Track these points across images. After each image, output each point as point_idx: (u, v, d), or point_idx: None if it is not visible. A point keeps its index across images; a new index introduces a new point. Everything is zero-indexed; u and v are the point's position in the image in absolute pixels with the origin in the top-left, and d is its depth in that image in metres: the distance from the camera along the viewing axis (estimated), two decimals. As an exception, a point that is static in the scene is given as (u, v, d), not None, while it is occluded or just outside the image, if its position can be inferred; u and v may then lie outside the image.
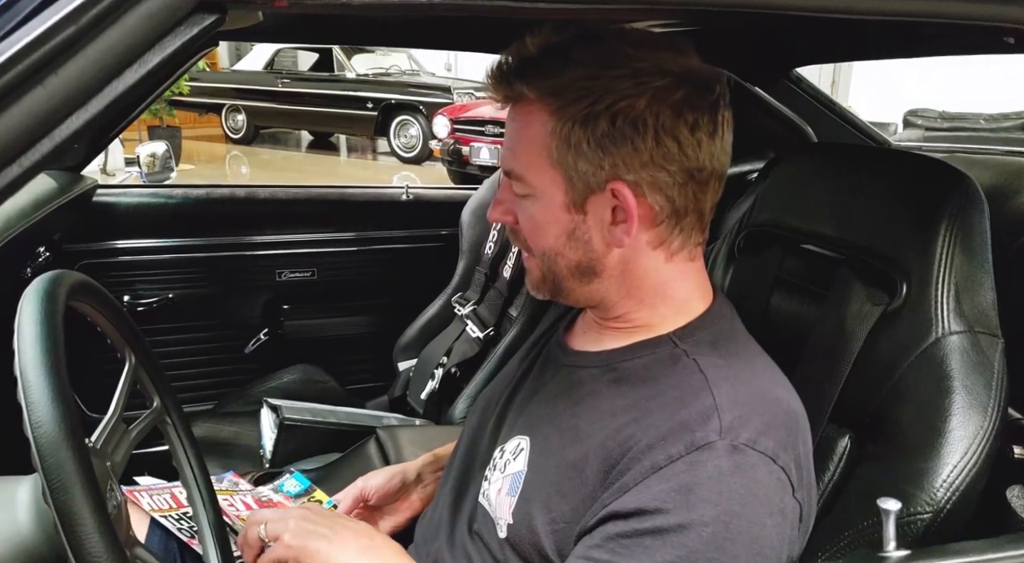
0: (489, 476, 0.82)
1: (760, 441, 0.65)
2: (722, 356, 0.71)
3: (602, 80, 0.67)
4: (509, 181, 0.76)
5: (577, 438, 0.72)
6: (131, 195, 1.94)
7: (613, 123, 0.68)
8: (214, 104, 10.58)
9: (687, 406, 0.67)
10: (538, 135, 0.71)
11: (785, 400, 0.70)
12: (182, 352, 2.01)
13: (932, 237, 0.82)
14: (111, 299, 0.86)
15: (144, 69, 0.46)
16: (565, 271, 0.75)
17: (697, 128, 0.69)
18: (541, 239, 0.75)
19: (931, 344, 0.79)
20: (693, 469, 0.64)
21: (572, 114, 0.69)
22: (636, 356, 0.74)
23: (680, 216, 0.72)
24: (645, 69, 0.68)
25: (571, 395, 0.77)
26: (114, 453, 0.81)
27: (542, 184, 0.72)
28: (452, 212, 2.09)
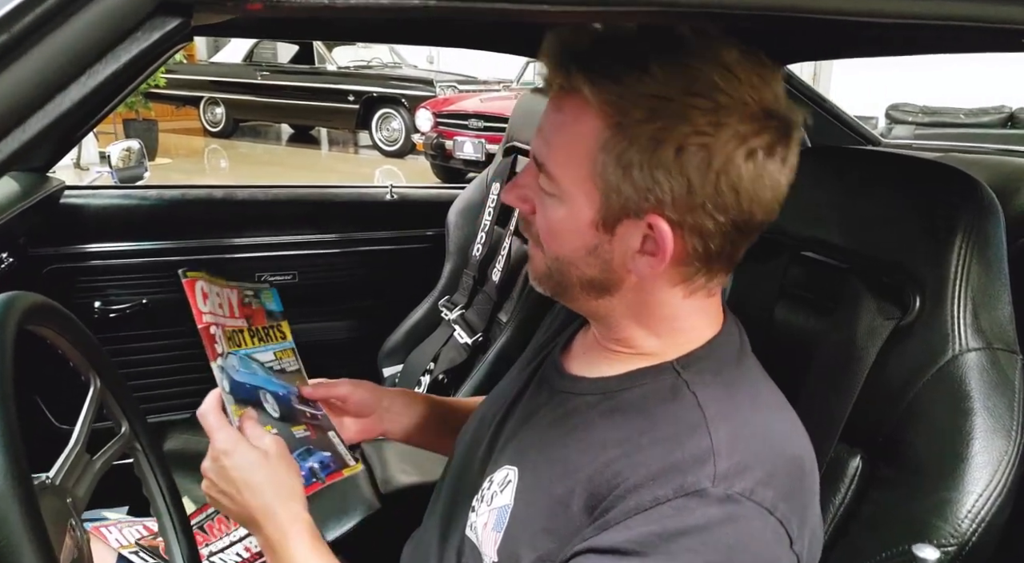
0: (476, 507, 0.77)
1: (758, 491, 0.60)
2: (725, 387, 0.66)
3: (679, 105, 0.59)
4: (536, 169, 0.68)
5: (565, 471, 0.68)
6: (101, 196, 1.86)
7: (677, 156, 0.60)
8: (192, 97, 10.43)
9: (681, 446, 0.62)
10: (585, 142, 0.63)
11: (790, 442, 0.65)
12: (156, 360, 1.93)
13: (947, 248, 0.78)
14: (72, 320, 0.80)
15: (95, 80, 0.40)
16: (575, 281, 0.69)
17: (760, 179, 0.62)
18: (556, 244, 0.68)
19: (948, 362, 0.75)
20: (679, 515, 0.59)
21: (633, 133, 0.61)
22: (635, 385, 0.69)
23: (712, 261, 0.66)
24: (728, 106, 0.60)
25: (564, 424, 0.72)
26: (76, 487, 0.75)
27: (574, 192, 0.65)
28: (438, 212, 2.04)
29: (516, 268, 1.73)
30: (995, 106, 5.79)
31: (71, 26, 0.38)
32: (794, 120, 0.63)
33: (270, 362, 0.88)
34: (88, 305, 1.84)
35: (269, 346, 0.89)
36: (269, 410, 0.84)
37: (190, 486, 1.53)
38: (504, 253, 1.74)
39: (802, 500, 0.62)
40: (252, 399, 0.83)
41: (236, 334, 0.85)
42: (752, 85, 0.61)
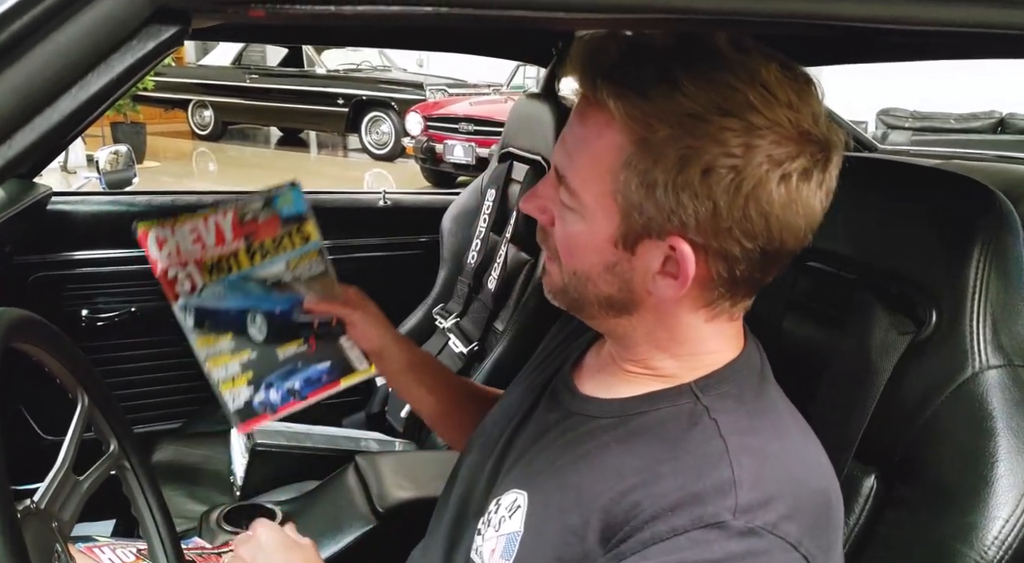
0: (483, 531, 0.74)
1: (782, 525, 0.57)
2: (748, 416, 0.63)
3: (710, 126, 0.56)
4: (556, 180, 0.66)
5: (579, 499, 0.65)
6: (89, 203, 1.83)
7: (704, 178, 0.57)
8: (180, 99, 10.34)
9: (702, 477, 0.59)
10: (608, 157, 0.60)
11: (816, 474, 0.62)
12: (146, 369, 1.90)
13: (964, 262, 0.76)
14: (59, 336, 0.77)
15: (86, 93, 0.37)
16: (593, 298, 0.66)
17: (793, 205, 0.58)
18: (574, 259, 0.66)
19: (967, 379, 0.73)
20: (697, 547, 0.56)
21: (659, 152, 0.57)
22: (652, 408, 0.67)
23: (736, 286, 0.63)
24: (763, 127, 0.56)
25: (577, 448, 0.69)
26: (62, 511, 0.72)
27: (594, 208, 0.62)
28: (432, 218, 2.01)
29: (512, 276, 1.71)
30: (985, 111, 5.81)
31: (61, 35, 0.35)
32: (834, 142, 0.60)
33: (279, 274, 0.86)
34: (75, 314, 1.80)
35: (279, 257, 0.86)
36: (254, 333, 0.83)
37: (180, 500, 1.50)
38: (500, 260, 1.72)
39: (828, 536, 0.60)
40: (233, 326, 0.83)
41: (224, 261, 0.83)
42: (790, 105, 0.57)
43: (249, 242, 0.84)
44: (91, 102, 0.37)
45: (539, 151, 1.69)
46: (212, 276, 0.82)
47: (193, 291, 0.81)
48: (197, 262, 0.81)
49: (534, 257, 1.67)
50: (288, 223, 0.86)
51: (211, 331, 0.81)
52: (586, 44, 0.62)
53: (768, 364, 0.71)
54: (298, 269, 0.87)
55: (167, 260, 0.80)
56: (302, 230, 0.86)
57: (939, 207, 0.81)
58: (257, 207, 0.84)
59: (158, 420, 1.87)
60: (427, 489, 1.22)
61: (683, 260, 0.60)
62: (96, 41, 0.37)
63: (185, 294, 0.81)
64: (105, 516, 1.55)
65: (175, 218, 0.80)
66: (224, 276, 0.83)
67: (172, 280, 0.80)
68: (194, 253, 0.81)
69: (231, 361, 0.84)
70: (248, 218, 0.83)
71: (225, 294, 0.82)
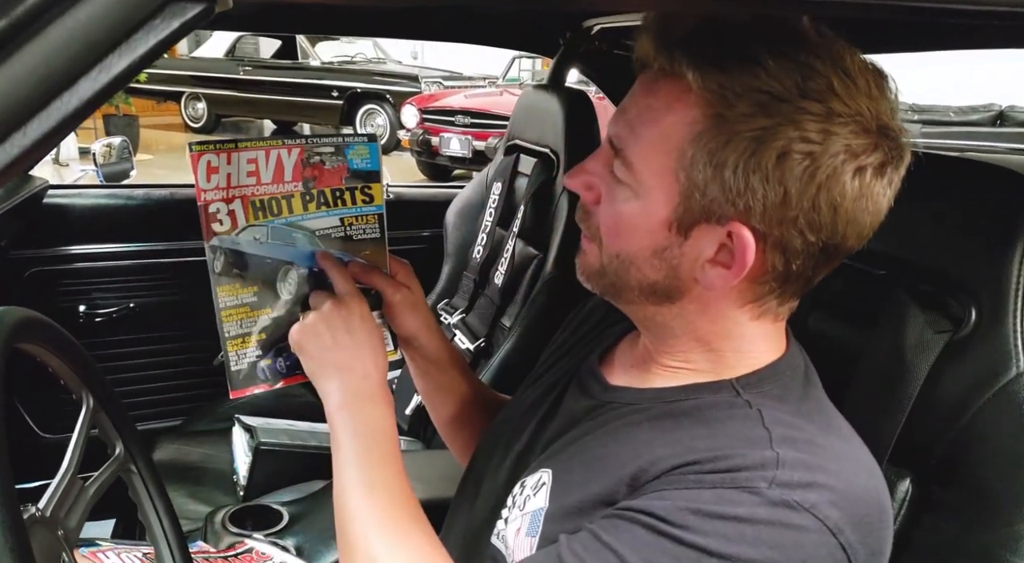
0: (506, 514, 0.71)
1: (823, 507, 0.53)
2: (792, 415, 0.60)
3: (790, 106, 0.53)
4: (611, 153, 0.62)
5: (605, 469, 0.62)
6: (87, 196, 1.79)
7: (779, 162, 0.54)
8: (173, 92, 10.25)
9: (743, 455, 0.56)
10: (677, 130, 0.57)
11: (867, 476, 0.59)
12: (145, 365, 1.86)
13: (1006, 257, 0.73)
14: (63, 335, 0.73)
15: (107, 75, 0.34)
16: (634, 283, 0.63)
17: (863, 200, 0.56)
18: (620, 240, 0.62)
19: (1011, 380, 0.70)
20: (721, 502, 0.53)
21: (734, 130, 0.54)
22: (690, 398, 0.64)
23: (788, 282, 0.60)
24: (844, 114, 0.53)
25: (604, 428, 0.66)
26: (68, 518, 0.69)
27: (652, 185, 0.59)
28: (435, 212, 1.98)
29: (519, 271, 1.68)
30: (984, 104, 5.80)
31: (81, 11, 0.32)
32: (905, 143, 0.58)
33: (329, 229, 0.79)
34: (72, 309, 1.76)
35: (336, 211, 0.79)
36: (282, 290, 0.78)
37: (182, 500, 1.47)
38: (507, 255, 1.68)
39: (875, 536, 0.56)
40: (263, 278, 0.77)
41: (276, 202, 0.76)
42: (870, 96, 0.55)
43: (308, 187, 0.77)
44: (112, 85, 0.34)
45: (547, 143, 1.66)
46: (258, 216, 0.75)
47: (232, 230, 0.74)
48: (245, 199, 0.74)
49: (542, 252, 1.64)
50: (355, 177, 0.79)
51: (238, 279, 0.75)
52: (660, 15, 0.59)
53: (812, 368, 0.68)
54: (352, 229, 0.80)
55: (213, 191, 0.73)
56: (368, 189, 0.80)
57: (976, 200, 0.79)
58: (327, 152, 0.77)
59: (158, 417, 1.84)
60: (436, 490, 1.19)
61: (742, 247, 0.57)
62: (118, 19, 0.33)
63: (222, 232, 0.74)
64: (104, 516, 1.52)
65: (235, 144, 0.74)
66: (271, 219, 0.76)
67: (212, 215, 0.73)
68: (246, 187, 0.74)
69: (249, 317, 0.78)
70: (314, 160, 0.77)
71: (266, 239, 0.76)
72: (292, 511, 1.25)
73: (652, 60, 0.59)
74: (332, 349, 0.71)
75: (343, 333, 0.72)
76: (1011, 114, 5.71)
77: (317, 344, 0.72)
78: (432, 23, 1.47)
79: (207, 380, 1.92)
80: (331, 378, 0.71)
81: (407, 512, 0.67)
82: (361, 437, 0.69)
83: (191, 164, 0.72)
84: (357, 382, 0.71)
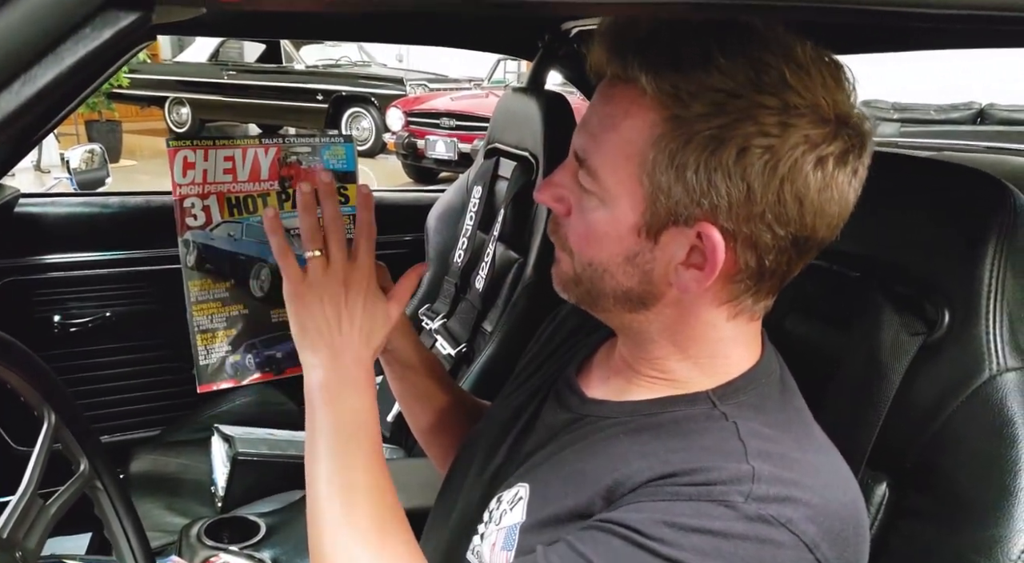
0: (482, 530, 0.70)
1: (799, 523, 0.53)
2: (769, 426, 0.60)
3: (745, 102, 0.53)
4: (576, 165, 0.62)
5: (582, 484, 0.61)
6: (60, 204, 1.76)
7: (739, 158, 0.54)
8: (156, 97, 10.18)
9: (718, 468, 0.55)
10: (637, 136, 0.57)
11: (843, 488, 0.58)
12: (122, 375, 1.84)
13: (978, 259, 0.72)
14: (21, 350, 0.72)
15: (31, 88, 0.33)
16: (609, 291, 0.63)
17: (828, 190, 0.56)
18: (591, 249, 0.62)
19: (984, 382, 0.70)
20: (697, 516, 0.53)
21: (692, 130, 0.54)
22: (667, 410, 0.63)
23: (762, 279, 0.60)
24: (800, 106, 0.53)
25: (583, 440, 0.66)
26: (27, 538, 0.67)
27: (617, 192, 0.59)
28: (416, 216, 1.96)
29: (500, 275, 1.67)
30: (964, 102, 5.84)
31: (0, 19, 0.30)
32: (867, 129, 0.57)
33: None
34: (47, 319, 1.74)
35: None
36: (254, 287, 0.77)
37: (158, 513, 1.45)
38: (488, 259, 1.67)
39: (852, 551, 0.56)
40: (235, 274, 0.76)
41: (251, 199, 0.77)
42: (826, 86, 0.55)
43: (284, 186, 0.78)
44: (38, 98, 0.33)
45: (526, 147, 1.65)
46: (233, 213, 0.76)
47: (207, 226, 0.75)
48: (221, 195, 0.75)
49: (522, 256, 1.63)
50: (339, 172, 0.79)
51: (210, 275, 0.75)
52: (613, 21, 0.58)
53: (788, 372, 0.67)
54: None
55: (189, 186, 0.74)
56: (344, 190, 0.80)
57: (948, 201, 0.78)
58: (303, 151, 0.78)
59: (135, 428, 1.82)
60: (416, 499, 1.17)
61: (712, 248, 0.56)
62: (43, 28, 0.32)
63: (196, 227, 0.74)
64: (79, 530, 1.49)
65: (213, 142, 0.74)
66: (246, 216, 0.77)
67: (186, 210, 0.74)
68: (222, 183, 0.75)
69: (220, 313, 0.78)
70: (291, 160, 0.77)
71: (240, 236, 0.76)
72: (270, 522, 1.24)
73: (605, 67, 0.59)
74: (327, 323, 0.67)
75: (343, 310, 0.67)
76: (991, 112, 5.76)
77: (313, 312, 0.67)
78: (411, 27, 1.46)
79: (185, 389, 1.88)
80: (318, 352, 0.67)
81: (388, 515, 0.64)
82: (341, 426, 0.65)
83: (168, 158, 0.73)
84: (349, 365, 0.67)
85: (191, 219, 0.74)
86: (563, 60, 1.67)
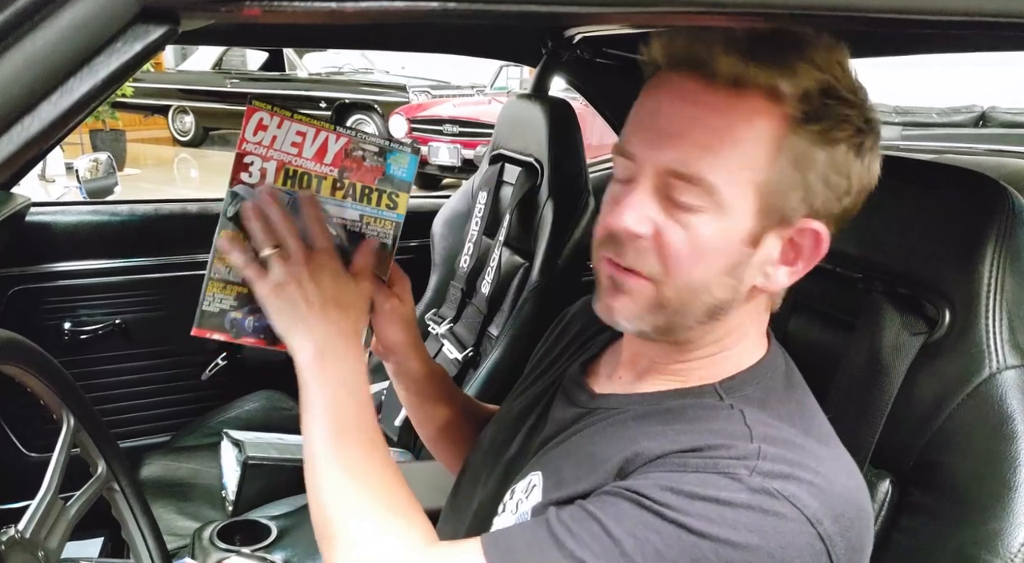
0: (496, 522, 0.71)
1: (802, 497, 0.54)
2: (773, 418, 0.61)
3: (840, 102, 0.57)
4: (664, 183, 0.59)
5: (592, 467, 0.63)
6: (70, 213, 1.78)
7: (846, 154, 0.59)
8: (160, 105, 10.22)
9: (725, 448, 0.57)
10: (761, 142, 0.57)
11: (846, 476, 0.59)
12: (132, 382, 1.85)
13: (977, 259, 0.74)
14: (41, 355, 0.73)
15: (69, 99, 0.35)
16: (700, 308, 0.61)
17: (868, 174, 0.62)
18: (694, 267, 0.59)
19: (984, 381, 0.71)
20: (703, 485, 0.54)
21: (814, 130, 0.57)
22: (674, 399, 0.65)
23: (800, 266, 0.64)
24: (862, 100, 0.59)
25: (592, 428, 0.67)
26: (48, 539, 0.68)
27: (734, 203, 0.58)
28: (421, 222, 1.98)
29: (506, 280, 1.68)
30: (966, 105, 5.84)
31: (40, 36, 0.32)
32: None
33: (347, 221, 0.78)
34: (58, 327, 1.76)
35: (360, 206, 0.79)
36: None
37: (170, 517, 1.46)
38: (494, 265, 1.69)
39: (855, 532, 0.57)
40: None
41: (307, 177, 0.77)
42: (861, 86, 0.60)
43: (342, 175, 0.78)
44: (74, 109, 0.34)
45: (531, 153, 1.67)
46: (287, 184, 0.77)
47: (258, 185, 0.75)
48: (281, 163, 0.76)
49: (528, 260, 1.64)
50: (387, 182, 0.79)
51: (242, 230, 0.75)
52: (688, 32, 0.58)
53: (795, 369, 0.69)
54: (368, 227, 0.80)
55: (255, 145, 0.75)
56: (395, 197, 0.80)
57: (948, 203, 0.80)
58: (371, 150, 0.78)
59: (145, 434, 1.83)
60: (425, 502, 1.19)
61: (818, 240, 0.61)
62: (78, 44, 0.34)
63: (248, 183, 0.75)
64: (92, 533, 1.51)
65: (292, 113, 0.76)
66: (296, 191, 0.77)
67: (245, 165, 0.75)
68: (286, 153, 0.76)
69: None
70: (356, 154, 0.78)
71: (286, 208, 0.76)
72: (281, 525, 1.25)
73: (715, 73, 0.57)
74: (302, 306, 0.68)
75: (313, 290, 0.68)
76: (993, 115, 5.76)
77: (287, 300, 0.68)
78: (415, 35, 1.48)
79: (195, 395, 1.91)
80: (302, 334, 0.67)
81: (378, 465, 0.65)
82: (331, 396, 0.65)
83: (245, 114, 0.74)
84: (332, 339, 0.67)
85: (245, 175, 0.75)
86: (567, 66, 1.68)
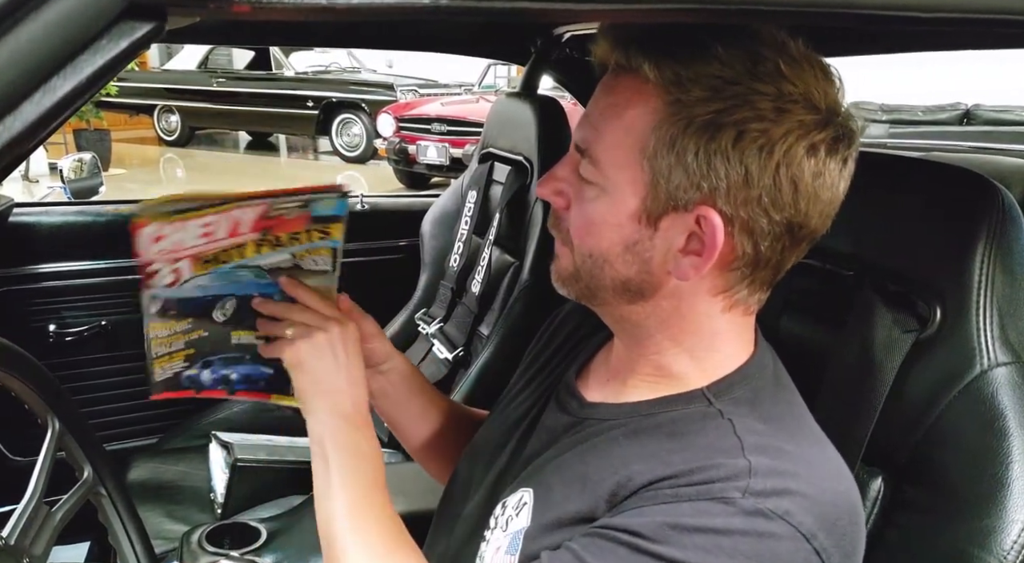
0: (488, 536, 0.71)
1: (796, 513, 0.54)
2: (763, 421, 0.61)
3: (742, 89, 0.56)
4: (577, 158, 0.64)
5: (584, 488, 0.63)
6: (54, 214, 1.76)
7: (736, 142, 0.56)
8: (145, 105, 10.16)
9: (716, 466, 0.57)
10: (638, 123, 0.59)
11: (836, 480, 0.60)
12: (119, 383, 1.84)
13: (968, 256, 0.74)
14: (24, 357, 0.72)
15: (52, 98, 0.34)
16: (608, 282, 0.64)
17: (821, 177, 0.58)
18: (591, 239, 0.63)
19: (976, 377, 0.71)
20: (698, 515, 0.54)
21: (691, 114, 0.56)
22: (664, 410, 0.64)
23: (757, 268, 0.61)
24: (793, 94, 0.56)
25: (583, 444, 0.67)
26: (33, 545, 0.67)
27: (618, 180, 0.60)
28: (411, 222, 1.97)
29: (496, 279, 1.68)
30: (951, 103, 5.90)
31: (22, 32, 0.31)
32: (854, 124, 0.60)
33: (280, 262, 0.76)
34: (42, 329, 1.74)
35: (289, 248, 0.75)
36: (216, 316, 0.76)
37: (158, 520, 1.45)
38: (483, 263, 1.68)
39: (848, 540, 0.57)
40: (198, 312, 0.75)
41: (227, 252, 0.73)
42: (817, 78, 0.57)
43: (264, 234, 0.74)
44: (58, 107, 0.34)
45: (521, 151, 1.66)
46: (206, 267, 0.73)
47: (174, 284, 0.72)
48: (194, 257, 0.71)
49: (518, 259, 1.64)
50: (316, 222, 0.75)
51: (172, 317, 0.74)
52: (615, 24, 0.61)
53: (783, 368, 0.69)
54: (304, 260, 0.77)
55: (156, 254, 0.69)
56: (327, 228, 0.76)
57: (939, 201, 0.80)
58: (291, 206, 0.73)
59: (133, 436, 1.82)
60: (417, 503, 1.18)
61: (711, 231, 0.58)
62: (62, 40, 0.33)
63: (162, 285, 0.71)
64: (79, 538, 1.49)
65: (187, 213, 0.68)
66: (218, 266, 0.74)
67: (152, 272, 0.70)
68: (195, 246, 0.71)
69: (179, 340, 0.76)
70: (275, 215, 0.73)
71: (209, 283, 0.74)
72: (271, 527, 1.24)
73: (609, 58, 0.61)
74: (333, 372, 0.72)
75: (343, 357, 0.72)
76: (977, 113, 5.82)
77: (321, 365, 0.72)
78: (402, 33, 1.47)
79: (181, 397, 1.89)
80: (324, 399, 0.71)
81: (398, 539, 0.68)
82: (350, 463, 0.69)
83: (131, 230, 0.67)
84: (349, 408, 0.72)
85: (157, 279, 0.71)
86: (555, 64, 1.68)
